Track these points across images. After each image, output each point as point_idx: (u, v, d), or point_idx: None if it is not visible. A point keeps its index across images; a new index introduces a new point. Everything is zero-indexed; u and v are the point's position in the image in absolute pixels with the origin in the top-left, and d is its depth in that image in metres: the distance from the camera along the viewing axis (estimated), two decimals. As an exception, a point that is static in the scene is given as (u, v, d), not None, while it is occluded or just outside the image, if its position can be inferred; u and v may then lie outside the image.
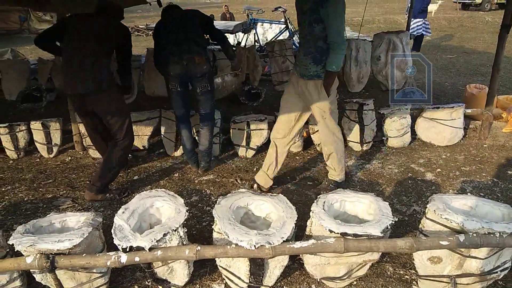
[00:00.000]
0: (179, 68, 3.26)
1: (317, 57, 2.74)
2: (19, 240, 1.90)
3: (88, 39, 2.90)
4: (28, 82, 5.76)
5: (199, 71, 3.27)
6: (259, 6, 11.57)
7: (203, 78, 3.31)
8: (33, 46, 11.36)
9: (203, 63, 3.27)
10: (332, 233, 1.89)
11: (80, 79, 2.86)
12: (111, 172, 3.12)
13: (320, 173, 3.55)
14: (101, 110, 3.00)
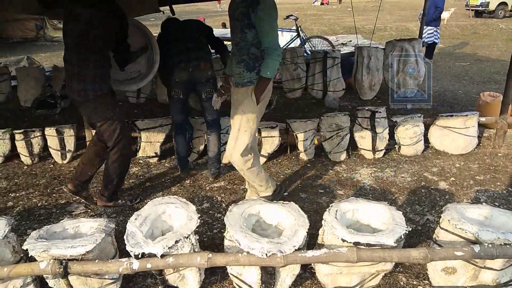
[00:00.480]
0: (185, 75, 3.35)
1: (250, 64, 2.62)
2: (33, 245, 1.92)
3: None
4: (43, 89, 5.87)
5: (204, 77, 3.37)
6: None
7: (207, 84, 3.40)
8: (48, 54, 11.65)
9: (207, 69, 3.37)
10: (345, 242, 1.87)
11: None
12: (114, 182, 3.07)
13: (332, 181, 3.53)
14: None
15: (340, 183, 3.48)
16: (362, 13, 20.02)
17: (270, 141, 3.90)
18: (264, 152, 3.90)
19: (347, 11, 23.34)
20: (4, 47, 12.37)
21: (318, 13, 24.02)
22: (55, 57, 10.88)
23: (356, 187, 3.41)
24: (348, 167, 3.80)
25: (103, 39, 2.73)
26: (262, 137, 3.88)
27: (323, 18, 20.77)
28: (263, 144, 3.90)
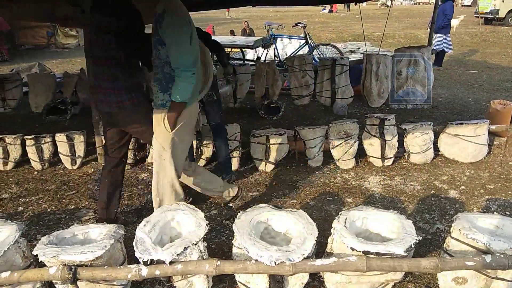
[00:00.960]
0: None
1: (163, 84, 2.39)
2: (43, 251, 1.93)
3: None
4: (54, 95, 5.94)
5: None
6: (279, 22, 11.69)
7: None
8: (59, 60, 11.80)
9: None
10: (354, 251, 1.86)
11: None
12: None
13: (340, 188, 3.51)
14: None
15: (349, 191, 3.46)
16: (371, 21, 20.01)
17: (278, 148, 3.90)
18: (272, 159, 3.90)
19: (355, 18, 23.35)
20: (16, 53, 12.57)
21: (326, 20, 24.07)
22: (66, 64, 11.02)
23: (365, 195, 3.38)
24: (356, 174, 3.78)
25: (128, 47, 2.54)
26: (271, 144, 3.88)
27: (331, 25, 20.80)
28: (271, 151, 3.89)
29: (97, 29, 2.51)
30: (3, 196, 3.50)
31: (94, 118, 3.97)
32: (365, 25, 6.52)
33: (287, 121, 5.36)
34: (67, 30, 13.98)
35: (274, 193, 3.48)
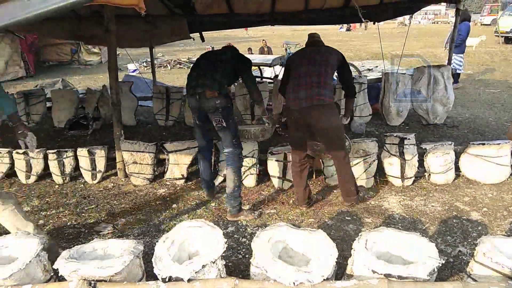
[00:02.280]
0: (193, 101, 3.31)
1: None
2: (63, 265, 1.95)
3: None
4: (76, 110, 6.10)
5: (211, 106, 3.19)
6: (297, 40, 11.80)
7: (216, 112, 3.21)
8: (82, 77, 12.12)
9: (214, 97, 3.16)
10: (375, 273, 1.82)
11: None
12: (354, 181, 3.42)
13: (359, 208, 3.46)
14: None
15: (368, 211, 3.41)
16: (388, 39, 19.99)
17: (296, 166, 3.88)
18: (289, 177, 3.88)
19: (372, 36, 23.37)
20: (41, 69, 12.98)
21: (344, 39, 24.19)
22: (88, 80, 11.32)
23: (385, 215, 3.33)
24: (376, 194, 3.73)
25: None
26: (288, 161, 3.87)
27: (348, 44, 20.88)
28: (288, 168, 3.88)
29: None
30: (25, 209, 3.56)
31: (115, 133, 4.05)
32: (383, 44, 6.51)
33: (305, 138, 5.34)
34: (90, 47, 14.42)
35: (291, 211, 3.46)
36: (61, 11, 1.41)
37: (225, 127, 3.24)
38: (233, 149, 3.29)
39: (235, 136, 3.30)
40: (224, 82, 3.25)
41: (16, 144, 2.91)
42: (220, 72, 3.27)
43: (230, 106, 3.25)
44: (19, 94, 6.24)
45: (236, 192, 3.31)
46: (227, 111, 3.23)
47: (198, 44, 10.35)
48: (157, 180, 4.15)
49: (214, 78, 3.22)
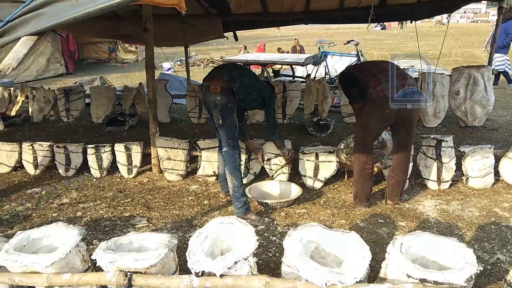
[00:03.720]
0: (201, 94, 3.32)
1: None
2: (101, 256, 2.02)
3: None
4: (114, 107, 6.30)
5: (211, 100, 3.16)
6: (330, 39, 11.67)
7: (215, 109, 3.16)
8: (118, 74, 12.49)
9: (216, 93, 3.11)
10: (410, 278, 1.78)
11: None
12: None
13: (392, 211, 3.39)
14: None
15: (402, 214, 3.34)
16: (425, 38, 19.44)
17: (327, 165, 3.85)
18: (320, 177, 3.86)
19: (408, 36, 22.80)
20: (80, 67, 13.48)
21: (378, 38, 23.71)
22: (125, 78, 11.66)
23: (419, 219, 3.24)
24: (410, 197, 3.64)
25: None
26: (320, 161, 3.85)
27: (383, 43, 20.45)
28: (320, 168, 3.86)
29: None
30: (64, 201, 3.73)
31: (151, 130, 4.15)
32: (420, 43, 6.34)
33: (336, 138, 5.28)
34: (127, 46, 14.85)
35: (322, 211, 3.43)
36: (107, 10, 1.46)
37: (221, 125, 3.20)
38: (228, 149, 3.24)
39: (232, 137, 3.23)
40: (237, 82, 3.17)
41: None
42: (236, 74, 3.21)
43: (230, 106, 3.16)
44: (60, 90, 6.51)
45: (236, 193, 3.24)
46: (225, 110, 3.15)
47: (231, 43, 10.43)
48: (189, 176, 4.22)
49: (228, 73, 3.18)
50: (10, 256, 2.05)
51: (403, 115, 3.19)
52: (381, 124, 3.31)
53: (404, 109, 3.17)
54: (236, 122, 3.25)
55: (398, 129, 3.32)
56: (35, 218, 3.40)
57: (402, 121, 3.24)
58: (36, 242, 2.28)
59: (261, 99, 3.40)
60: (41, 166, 4.32)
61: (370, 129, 3.32)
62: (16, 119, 6.43)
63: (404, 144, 3.37)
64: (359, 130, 3.43)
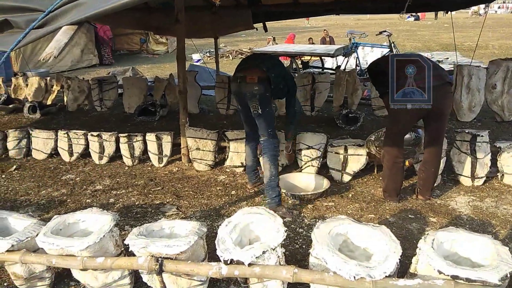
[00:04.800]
0: (235, 86, 3.32)
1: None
2: (134, 241, 2.08)
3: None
4: (145, 97, 6.42)
5: (249, 91, 3.17)
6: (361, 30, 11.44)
7: (253, 99, 3.17)
8: (149, 65, 12.71)
9: (253, 83, 3.14)
10: (441, 274, 1.74)
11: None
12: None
13: (423, 206, 3.32)
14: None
15: (433, 210, 3.27)
16: (461, 30, 18.72)
17: (356, 159, 3.81)
18: (349, 170, 3.82)
19: (443, 27, 22.00)
20: (112, 58, 13.78)
21: (412, 29, 23.03)
22: (156, 69, 11.85)
23: (451, 216, 3.16)
24: (442, 193, 3.55)
25: None
26: (348, 154, 3.81)
27: (416, 34, 19.86)
28: (349, 162, 3.82)
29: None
30: (97, 187, 3.85)
31: (181, 120, 4.22)
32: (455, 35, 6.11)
33: (366, 132, 5.20)
34: (158, 37, 15.06)
35: (350, 205, 3.40)
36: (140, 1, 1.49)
37: (261, 115, 3.20)
38: (267, 137, 3.25)
39: (271, 125, 3.25)
40: (272, 72, 3.20)
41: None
42: (270, 64, 3.25)
43: (268, 95, 3.20)
44: (94, 81, 6.70)
45: (272, 182, 3.23)
46: (264, 99, 3.18)
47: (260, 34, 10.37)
48: (217, 167, 4.27)
49: (262, 64, 3.22)
50: (47, 239, 2.15)
51: (435, 107, 3.10)
52: (412, 117, 3.24)
53: (436, 101, 3.08)
54: (273, 111, 3.28)
55: (430, 122, 3.24)
56: (70, 203, 3.53)
57: (434, 114, 3.15)
58: (72, 226, 2.38)
59: (287, 88, 3.41)
60: (76, 153, 4.47)
61: (401, 122, 3.26)
62: (51, 108, 6.66)
63: (436, 138, 3.29)
64: (389, 123, 3.37)
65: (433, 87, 3.07)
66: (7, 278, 2.44)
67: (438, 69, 3.19)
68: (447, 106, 3.21)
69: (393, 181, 3.35)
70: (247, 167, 3.76)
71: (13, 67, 10.29)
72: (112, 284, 2.25)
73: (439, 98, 3.10)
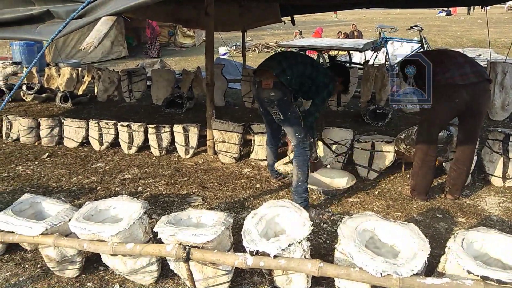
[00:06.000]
0: (254, 90, 3.20)
1: None
2: (162, 229, 2.13)
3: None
4: (173, 89, 6.51)
5: (265, 97, 3.02)
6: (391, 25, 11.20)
7: (272, 105, 3.03)
8: (177, 58, 12.84)
9: (269, 89, 2.96)
10: (471, 274, 1.71)
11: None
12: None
13: (452, 206, 3.25)
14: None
15: (462, 210, 3.19)
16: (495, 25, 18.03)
17: (383, 156, 3.76)
18: (376, 167, 3.77)
19: (476, 22, 21.26)
20: (141, 50, 14.02)
21: (443, 24, 22.34)
22: (183, 62, 11.97)
23: (481, 216, 3.09)
24: (472, 192, 3.46)
25: None
26: (376, 151, 3.76)
27: (448, 29, 19.26)
28: (376, 158, 3.77)
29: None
30: (126, 176, 3.95)
31: (208, 113, 4.26)
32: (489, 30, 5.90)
33: (394, 128, 5.12)
34: (185, 30, 15.19)
35: (376, 202, 3.37)
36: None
37: (283, 120, 3.06)
38: (297, 142, 3.09)
39: (298, 129, 3.06)
40: (288, 74, 2.98)
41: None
42: (286, 65, 3.02)
43: (287, 99, 2.99)
44: (123, 72, 6.84)
45: (299, 188, 3.10)
46: (283, 104, 3.00)
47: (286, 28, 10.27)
48: (242, 159, 4.30)
49: (278, 65, 3.02)
50: (80, 224, 2.22)
51: (472, 105, 3.01)
52: (448, 114, 3.15)
53: (473, 98, 2.99)
54: (298, 112, 3.05)
55: (466, 120, 3.15)
56: (100, 191, 3.64)
57: (471, 111, 3.06)
58: (103, 212, 2.45)
59: (315, 87, 3.13)
60: (106, 142, 4.59)
61: (435, 119, 3.17)
62: (82, 98, 6.85)
63: (470, 136, 3.20)
64: (424, 119, 3.29)
65: (472, 84, 2.97)
66: (41, 260, 2.55)
67: (477, 66, 3.09)
68: (485, 104, 3.10)
69: (423, 179, 3.28)
70: (269, 165, 3.77)
71: (46, 58, 10.62)
72: (140, 270, 2.31)
73: (478, 95, 3.01)
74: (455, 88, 3.00)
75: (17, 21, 1.58)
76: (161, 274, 2.40)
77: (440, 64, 3.08)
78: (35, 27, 1.62)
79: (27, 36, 1.62)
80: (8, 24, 1.60)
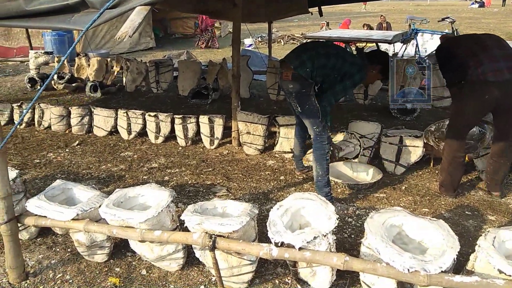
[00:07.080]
0: (279, 80, 3.23)
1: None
2: (189, 217, 2.16)
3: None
4: (198, 81, 6.57)
5: (286, 88, 3.07)
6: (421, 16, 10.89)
7: (291, 97, 3.08)
8: (202, 50, 12.92)
9: (288, 81, 2.99)
10: (502, 273, 1.67)
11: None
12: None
13: (482, 203, 3.16)
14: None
15: (492, 208, 3.10)
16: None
17: (411, 150, 3.68)
18: (403, 162, 3.70)
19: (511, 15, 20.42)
20: (168, 41, 14.18)
21: (475, 16, 21.57)
22: (208, 53, 12.02)
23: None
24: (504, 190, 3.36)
25: None
26: (404, 145, 3.69)
27: (480, 21, 18.59)
28: (403, 153, 3.70)
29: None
30: (153, 165, 4.02)
31: (233, 104, 4.28)
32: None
33: (422, 123, 5.00)
34: (211, 22, 15.21)
35: (403, 197, 3.31)
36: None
37: (301, 113, 3.09)
38: (314, 136, 3.10)
39: (315, 122, 3.05)
40: (307, 66, 2.95)
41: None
42: (307, 57, 2.98)
43: (305, 91, 2.97)
44: (151, 63, 6.94)
45: (319, 182, 3.12)
46: (301, 96, 3.00)
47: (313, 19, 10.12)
48: (267, 151, 4.30)
49: (300, 56, 3.01)
50: (109, 210, 2.28)
51: (504, 102, 2.91)
52: (479, 110, 3.05)
53: (505, 96, 2.88)
54: (317, 106, 3.02)
55: (499, 117, 3.05)
56: (128, 179, 3.72)
57: (503, 108, 2.95)
58: (132, 200, 2.51)
59: (341, 77, 3.05)
60: (134, 132, 4.69)
61: (466, 115, 3.08)
62: (111, 88, 7.00)
63: (506, 132, 3.08)
64: (453, 115, 3.19)
65: (505, 81, 2.85)
66: (71, 245, 2.64)
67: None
68: None
69: (452, 175, 3.20)
70: (295, 156, 3.77)
71: (76, 48, 10.88)
72: (166, 257, 2.36)
73: (510, 92, 2.89)
74: (486, 86, 2.89)
75: (54, 10, 1.62)
76: (187, 261, 2.44)
77: (473, 57, 2.97)
78: (70, 16, 1.65)
79: (62, 26, 1.66)
80: (46, 13, 1.64)
